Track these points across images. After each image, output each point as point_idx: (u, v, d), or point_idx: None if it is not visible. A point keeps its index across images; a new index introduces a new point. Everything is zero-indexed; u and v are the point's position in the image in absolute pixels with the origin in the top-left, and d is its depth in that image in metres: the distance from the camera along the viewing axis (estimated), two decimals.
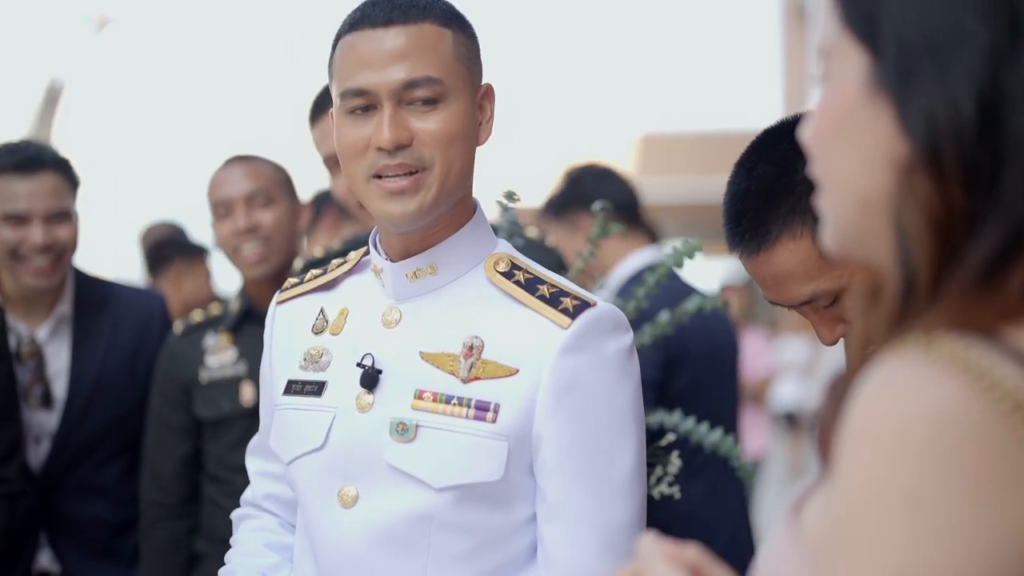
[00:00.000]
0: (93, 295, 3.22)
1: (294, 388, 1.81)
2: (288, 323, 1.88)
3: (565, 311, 1.65)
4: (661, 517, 2.63)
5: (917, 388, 0.88)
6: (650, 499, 2.42)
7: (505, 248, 1.78)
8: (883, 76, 0.97)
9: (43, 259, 3.02)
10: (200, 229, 5.49)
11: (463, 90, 1.70)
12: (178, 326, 3.14)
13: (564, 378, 1.63)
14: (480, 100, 1.74)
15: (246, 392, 2.98)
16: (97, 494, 3.16)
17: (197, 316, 3.15)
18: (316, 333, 1.83)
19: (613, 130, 13.64)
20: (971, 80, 0.92)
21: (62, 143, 12.99)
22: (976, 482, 0.85)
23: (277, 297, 1.93)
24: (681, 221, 13.87)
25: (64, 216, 3.05)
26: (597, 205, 2.53)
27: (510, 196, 2.33)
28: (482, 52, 1.80)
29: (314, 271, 1.93)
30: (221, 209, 3.02)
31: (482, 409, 1.65)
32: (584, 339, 1.64)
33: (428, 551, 1.66)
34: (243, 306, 3.07)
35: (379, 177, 1.67)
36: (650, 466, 2.41)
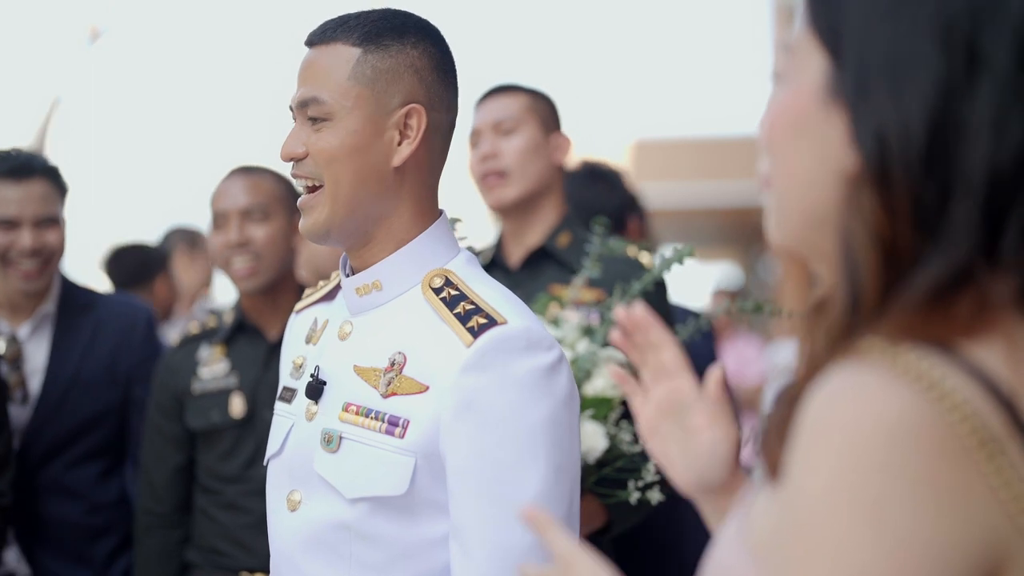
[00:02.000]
0: (78, 300, 3.29)
1: (281, 395, 1.89)
2: (295, 333, 1.96)
3: (471, 329, 1.65)
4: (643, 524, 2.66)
5: (870, 397, 0.89)
6: (628, 505, 2.46)
7: (456, 262, 1.79)
8: (841, 85, 0.98)
9: (31, 263, 3.11)
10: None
11: (357, 110, 1.72)
12: (175, 338, 3.20)
13: (463, 397, 1.63)
14: (401, 120, 1.74)
15: (236, 404, 3.02)
16: (68, 496, 3.19)
17: (194, 328, 3.20)
18: (307, 343, 1.90)
19: (607, 136, 13.64)
20: (923, 106, 0.93)
21: (57, 155, 12.99)
22: (925, 491, 0.87)
23: (295, 307, 2.00)
24: (676, 226, 13.88)
25: (52, 222, 3.14)
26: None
27: (451, 224, 2.39)
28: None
29: (322, 280, 1.99)
30: (218, 220, 3.07)
31: (393, 424, 1.68)
32: (487, 358, 1.63)
33: (349, 559, 1.71)
34: (236, 319, 3.12)
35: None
36: (629, 472, 2.45)
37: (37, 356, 3.21)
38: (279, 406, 1.88)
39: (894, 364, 0.90)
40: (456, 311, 1.69)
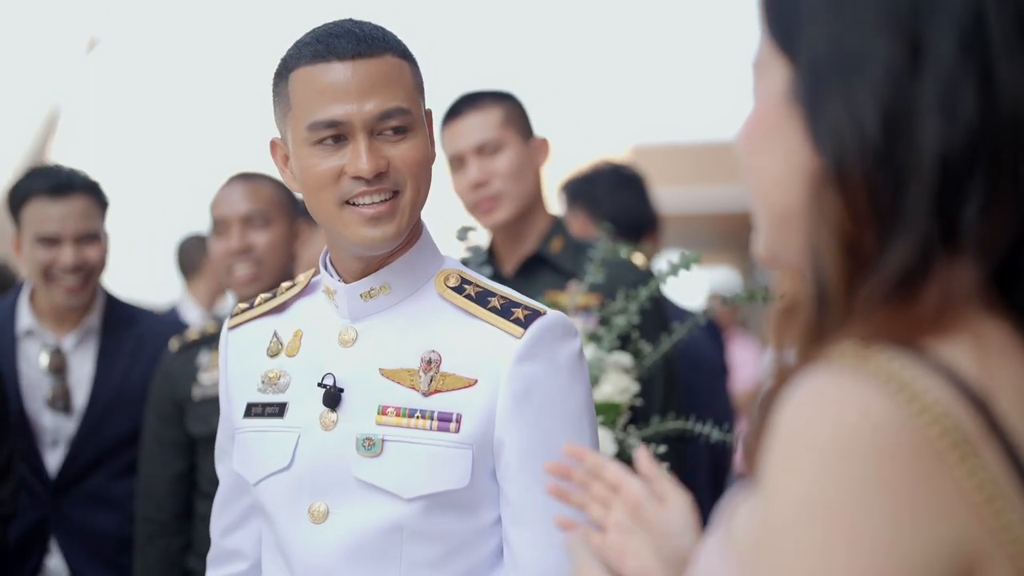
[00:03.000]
0: (121, 314, 3.37)
1: (254, 411, 1.86)
2: (242, 348, 1.93)
3: (517, 321, 1.72)
4: None
5: (841, 401, 0.90)
6: None
7: (453, 264, 1.84)
8: (798, 87, 1.00)
9: (73, 279, 3.17)
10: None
11: (422, 118, 1.78)
12: (174, 344, 3.19)
13: (521, 385, 1.70)
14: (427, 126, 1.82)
15: None
16: (108, 506, 3.25)
17: (192, 335, 3.20)
18: (272, 356, 1.88)
19: (605, 141, 13.65)
20: (875, 97, 0.95)
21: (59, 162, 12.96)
22: (896, 495, 0.87)
23: (227, 323, 1.98)
24: (674, 231, 13.88)
25: (93, 237, 3.21)
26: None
27: (464, 232, 2.40)
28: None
29: (263, 295, 1.98)
30: (219, 227, 3.09)
31: (444, 420, 1.71)
32: (537, 347, 1.72)
33: (400, 560, 1.72)
34: None
35: (352, 204, 1.73)
36: None
37: (83, 368, 3.27)
38: (261, 422, 1.84)
39: (865, 366, 0.90)
40: (491, 306, 1.75)
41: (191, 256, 5.87)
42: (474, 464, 1.71)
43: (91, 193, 3.24)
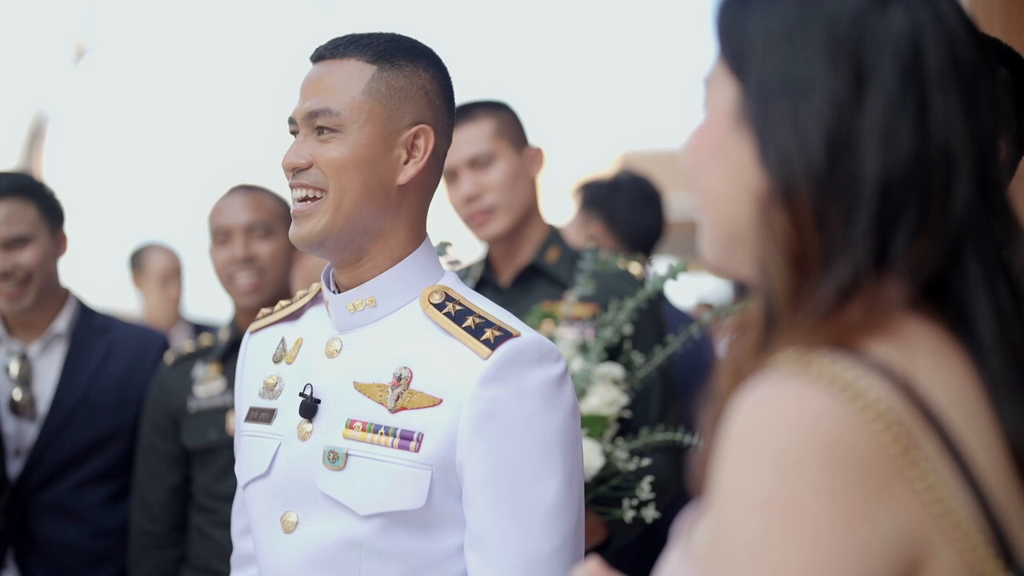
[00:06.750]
0: (93, 323, 3.28)
1: (252, 415, 1.87)
2: (256, 353, 1.94)
3: (486, 342, 1.68)
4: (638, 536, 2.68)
5: (787, 403, 0.93)
6: (622, 522, 2.46)
7: (448, 280, 1.81)
8: (747, 109, 1.04)
9: (7, 285, 3.09)
10: (188, 253, 5.51)
11: (368, 124, 1.74)
12: (169, 357, 3.18)
13: (483, 408, 1.66)
14: (410, 139, 1.77)
15: (232, 422, 3.00)
16: (72, 518, 3.15)
17: (188, 347, 3.19)
18: (275, 362, 1.89)
19: (593, 147, 13.65)
20: (819, 124, 0.99)
21: (48, 173, 12.96)
22: (842, 488, 0.90)
23: (250, 327, 1.99)
24: (664, 238, 13.85)
25: (22, 241, 3.10)
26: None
27: (442, 247, 2.41)
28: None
29: (283, 301, 1.99)
30: (220, 236, 3.07)
31: (406, 439, 1.69)
32: (504, 369, 1.67)
33: None
34: (232, 336, 3.11)
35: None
36: (623, 491, 2.45)
37: (47, 375, 3.20)
38: (252, 427, 1.86)
39: (809, 370, 0.94)
40: (466, 325, 1.72)
41: None
42: (432, 485, 1.67)
43: (21, 196, 3.13)
